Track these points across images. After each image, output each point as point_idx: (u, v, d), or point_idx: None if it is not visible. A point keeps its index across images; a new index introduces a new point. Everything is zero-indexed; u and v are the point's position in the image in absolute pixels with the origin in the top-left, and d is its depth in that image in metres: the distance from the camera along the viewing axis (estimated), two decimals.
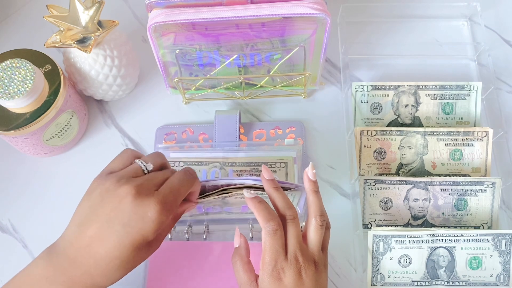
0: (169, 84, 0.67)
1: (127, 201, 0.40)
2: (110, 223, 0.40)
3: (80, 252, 0.41)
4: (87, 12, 0.61)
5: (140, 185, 0.41)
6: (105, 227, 0.41)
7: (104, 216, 0.41)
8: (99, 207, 0.41)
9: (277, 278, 0.43)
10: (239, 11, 0.53)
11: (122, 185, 0.41)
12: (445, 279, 0.56)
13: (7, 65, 0.56)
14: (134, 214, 0.40)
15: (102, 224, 0.41)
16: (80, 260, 0.41)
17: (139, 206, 0.40)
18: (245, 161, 0.62)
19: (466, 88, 0.65)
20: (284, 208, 0.46)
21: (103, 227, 0.41)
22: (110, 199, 0.41)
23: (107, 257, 0.41)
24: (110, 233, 0.40)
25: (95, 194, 0.42)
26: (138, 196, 0.40)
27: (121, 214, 0.40)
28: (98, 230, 0.41)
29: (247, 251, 0.48)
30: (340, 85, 0.71)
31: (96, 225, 0.41)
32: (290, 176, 0.61)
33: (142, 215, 0.40)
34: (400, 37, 0.75)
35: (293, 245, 0.45)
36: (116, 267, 0.41)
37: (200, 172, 0.61)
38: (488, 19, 0.75)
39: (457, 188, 0.59)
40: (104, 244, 0.41)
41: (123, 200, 0.40)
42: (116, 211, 0.40)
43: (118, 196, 0.41)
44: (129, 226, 0.40)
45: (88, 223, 0.41)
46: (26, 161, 0.66)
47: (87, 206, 0.42)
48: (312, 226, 0.46)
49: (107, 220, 0.41)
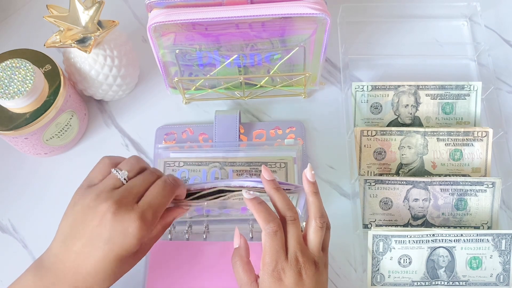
0: (169, 84, 0.67)
1: (107, 218, 0.41)
2: (93, 240, 0.41)
3: (66, 267, 0.42)
4: (87, 12, 0.61)
5: (119, 200, 0.42)
6: (88, 243, 0.42)
7: (87, 233, 0.42)
8: (81, 223, 0.42)
9: (277, 279, 0.44)
10: (239, 11, 0.54)
11: (102, 202, 0.42)
12: (445, 279, 0.56)
13: (7, 65, 0.56)
14: (115, 230, 0.41)
15: (85, 241, 0.42)
16: (67, 275, 0.42)
17: (119, 222, 0.41)
18: (245, 161, 0.62)
19: (466, 88, 0.65)
20: (284, 209, 0.46)
21: (86, 243, 0.42)
22: (91, 216, 0.42)
23: (93, 271, 0.42)
24: (93, 249, 0.41)
25: (77, 210, 0.43)
26: (118, 212, 0.41)
27: (103, 231, 0.41)
28: (82, 247, 0.42)
29: (247, 252, 0.48)
30: (340, 85, 0.71)
31: (80, 242, 0.42)
32: (290, 176, 0.61)
33: (123, 231, 0.41)
34: (400, 37, 0.75)
35: (293, 246, 0.45)
36: (102, 280, 0.42)
37: (200, 172, 0.61)
38: (488, 19, 0.75)
39: (457, 188, 0.59)
40: (89, 259, 0.42)
41: (103, 217, 0.41)
42: (98, 229, 0.41)
43: (98, 213, 0.41)
44: (111, 243, 0.41)
45: (72, 239, 0.42)
46: (26, 161, 0.66)
47: (70, 221, 0.43)
48: (312, 227, 0.46)
49: (89, 238, 0.42)
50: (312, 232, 0.46)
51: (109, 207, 0.41)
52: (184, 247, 0.56)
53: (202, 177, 0.61)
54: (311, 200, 0.47)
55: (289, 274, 0.44)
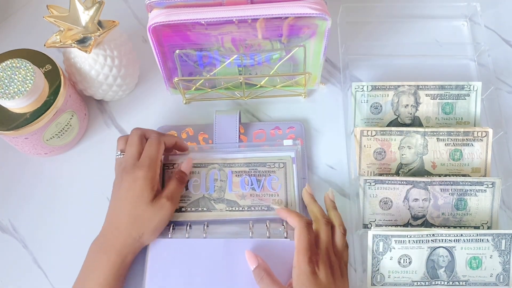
0: (169, 84, 0.67)
1: (122, 178, 0.56)
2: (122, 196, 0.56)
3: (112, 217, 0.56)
4: (87, 12, 0.61)
5: (124, 167, 0.56)
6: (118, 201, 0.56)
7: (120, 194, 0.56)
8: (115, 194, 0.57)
9: (313, 271, 0.49)
10: (239, 11, 0.54)
11: (117, 175, 0.58)
12: (445, 279, 0.56)
13: (7, 65, 0.56)
14: (129, 182, 0.55)
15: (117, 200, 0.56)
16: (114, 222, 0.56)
17: (130, 175, 0.55)
18: (244, 162, 0.62)
19: (466, 88, 0.65)
20: (320, 214, 0.55)
21: (117, 201, 0.56)
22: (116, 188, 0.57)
23: (123, 215, 0.55)
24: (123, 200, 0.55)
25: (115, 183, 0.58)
26: (127, 172, 0.55)
27: (123, 186, 0.55)
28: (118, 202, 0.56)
29: (267, 266, 0.52)
30: (340, 85, 0.71)
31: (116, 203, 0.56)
32: (289, 175, 0.61)
33: (133, 178, 0.55)
34: (400, 37, 0.75)
35: (325, 242, 0.52)
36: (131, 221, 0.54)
37: (200, 174, 0.61)
38: (488, 19, 0.75)
39: (457, 188, 0.59)
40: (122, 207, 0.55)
41: (121, 181, 0.56)
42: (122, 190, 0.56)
43: (118, 183, 0.57)
44: (129, 189, 0.55)
45: (112, 205, 0.57)
46: (26, 161, 0.66)
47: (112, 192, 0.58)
48: (337, 234, 0.54)
49: (119, 197, 0.56)
50: (337, 238, 0.54)
51: (119, 173, 0.57)
52: (184, 245, 0.56)
53: (201, 179, 0.61)
54: (333, 214, 0.56)
55: (322, 267, 0.50)
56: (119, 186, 0.56)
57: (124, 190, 0.55)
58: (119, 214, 0.55)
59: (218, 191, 0.60)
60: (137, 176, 0.55)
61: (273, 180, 0.60)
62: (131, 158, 0.57)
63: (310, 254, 0.50)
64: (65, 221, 0.63)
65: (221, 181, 0.60)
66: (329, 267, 0.50)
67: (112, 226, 0.55)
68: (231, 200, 0.60)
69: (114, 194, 0.57)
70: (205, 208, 0.59)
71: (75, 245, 0.60)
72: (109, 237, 0.55)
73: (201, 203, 0.60)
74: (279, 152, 0.62)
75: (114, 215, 0.56)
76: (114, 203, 0.56)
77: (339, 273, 0.51)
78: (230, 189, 0.60)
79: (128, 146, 0.58)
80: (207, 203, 0.60)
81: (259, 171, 0.61)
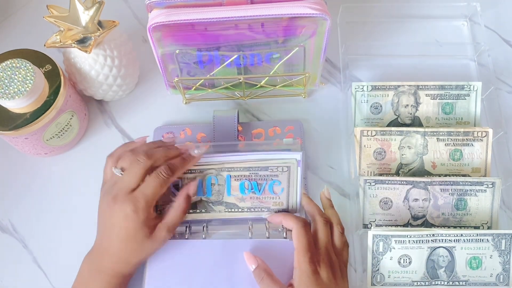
0: (169, 84, 0.67)
1: (112, 209, 0.50)
2: (111, 228, 0.51)
3: (103, 248, 0.52)
4: (87, 12, 0.61)
5: (115, 195, 0.50)
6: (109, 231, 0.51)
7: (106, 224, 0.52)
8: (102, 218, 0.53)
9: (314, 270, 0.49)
10: (239, 11, 0.54)
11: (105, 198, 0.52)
12: (445, 279, 0.56)
13: (7, 65, 0.56)
14: (119, 217, 0.50)
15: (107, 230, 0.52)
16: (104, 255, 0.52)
17: (120, 209, 0.50)
18: (244, 166, 0.57)
19: (466, 88, 0.65)
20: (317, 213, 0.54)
21: (107, 232, 0.52)
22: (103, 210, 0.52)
23: (118, 250, 0.51)
24: (114, 235, 0.51)
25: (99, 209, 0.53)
26: (115, 203, 0.50)
27: (113, 219, 0.51)
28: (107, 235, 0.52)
29: (267, 266, 0.52)
30: (340, 85, 0.71)
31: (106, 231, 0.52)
32: (292, 180, 0.56)
33: (124, 215, 0.50)
34: (400, 37, 0.75)
35: (324, 241, 0.51)
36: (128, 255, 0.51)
37: (196, 180, 0.57)
38: (488, 19, 0.75)
39: (457, 188, 0.59)
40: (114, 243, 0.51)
41: (109, 209, 0.51)
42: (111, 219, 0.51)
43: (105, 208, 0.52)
44: (121, 227, 0.50)
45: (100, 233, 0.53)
46: (26, 161, 0.66)
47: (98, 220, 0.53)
48: (335, 233, 0.53)
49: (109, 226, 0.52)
50: (336, 236, 0.53)
51: (109, 201, 0.51)
52: (183, 246, 0.56)
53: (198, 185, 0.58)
54: (330, 212, 0.55)
55: (323, 266, 0.50)
56: (108, 213, 0.51)
57: (114, 223, 0.51)
58: (112, 244, 0.51)
59: (216, 194, 0.57)
60: (127, 214, 0.50)
61: (275, 184, 0.58)
62: (126, 188, 0.51)
63: (310, 254, 0.50)
64: (65, 221, 0.63)
65: (219, 185, 0.57)
66: (330, 266, 0.50)
67: (106, 252, 0.52)
68: (230, 203, 0.58)
69: (103, 220, 0.52)
70: (203, 210, 0.58)
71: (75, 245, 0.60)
72: (104, 259, 0.52)
73: (199, 205, 0.58)
74: (283, 155, 0.56)
75: (107, 242, 0.52)
76: (104, 231, 0.52)
77: (339, 272, 0.51)
78: (229, 193, 0.57)
79: (129, 171, 0.51)
80: (205, 206, 0.58)
81: (260, 175, 0.56)
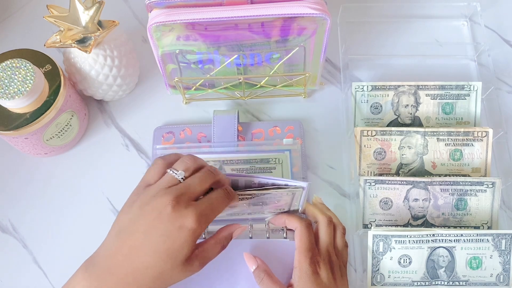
0: (169, 84, 0.67)
1: (166, 212, 0.41)
2: (148, 234, 0.42)
3: (118, 261, 0.42)
4: (87, 12, 0.61)
5: (178, 196, 0.42)
6: (143, 237, 0.42)
7: (143, 226, 0.42)
8: (139, 219, 0.42)
9: (314, 271, 0.49)
10: (239, 11, 0.54)
11: (161, 196, 0.42)
12: (445, 279, 0.56)
13: (7, 65, 0.56)
14: (172, 224, 0.41)
15: (140, 234, 0.42)
16: (117, 269, 0.42)
17: (178, 216, 0.41)
18: (243, 159, 0.62)
19: (466, 88, 0.65)
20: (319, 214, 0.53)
21: (141, 237, 0.42)
22: (149, 211, 0.42)
23: (143, 266, 0.41)
24: (148, 243, 0.42)
25: (135, 207, 0.43)
26: (177, 207, 0.42)
27: (160, 224, 0.41)
28: (137, 240, 0.42)
29: (267, 266, 0.51)
30: (340, 85, 0.71)
31: (136, 235, 0.42)
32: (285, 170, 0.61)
33: (180, 226, 0.41)
34: (400, 37, 0.75)
35: (325, 242, 0.51)
36: (151, 278, 0.42)
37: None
38: (488, 19, 0.75)
39: (457, 188, 0.59)
40: (142, 253, 0.42)
41: (162, 211, 0.42)
42: (155, 222, 0.42)
43: (157, 208, 0.42)
44: (165, 236, 0.41)
45: (128, 233, 0.42)
46: (26, 161, 0.66)
47: (126, 218, 0.43)
48: (337, 233, 0.53)
49: (145, 231, 0.42)
50: (338, 237, 0.53)
51: (168, 202, 0.42)
52: None
53: None
54: (330, 214, 0.54)
55: (323, 267, 0.49)
56: (154, 216, 0.42)
57: (158, 230, 0.41)
58: (139, 258, 0.41)
59: None
60: (185, 224, 0.41)
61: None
62: (190, 193, 0.43)
63: (311, 254, 0.50)
64: (65, 221, 0.63)
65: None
66: (330, 267, 0.50)
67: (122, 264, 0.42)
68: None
69: (137, 222, 0.42)
70: None
71: (75, 245, 0.61)
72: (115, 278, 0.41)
73: None
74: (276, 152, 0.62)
75: (129, 254, 0.42)
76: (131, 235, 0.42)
77: (339, 273, 0.51)
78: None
79: (196, 177, 0.44)
80: None
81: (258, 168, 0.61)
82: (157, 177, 0.45)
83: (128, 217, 0.43)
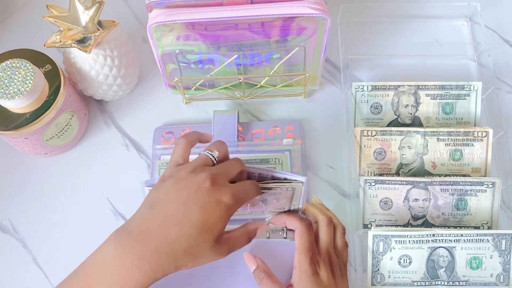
0: (169, 84, 0.67)
1: (205, 186, 0.43)
2: (187, 205, 0.43)
3: (151, 230, 0.42)
4: (87, 12, 0.61)
5: (215, 174, 0.44)
6: (180, 208, 0.42)
7: (183, 198, 0.43)
8: (176, 191, 0.43)
9: (314, 271, 0.49)
10: (239, 11, 0.54)
11: (199, 172, 0.44)
12: (445, 279, 0.56)
13: (7, 65, 0.56)
14: (210, 198, 0.43)
15: (178, 205, 0.43)
16: (150, 238, 0.42)
17: (216, 190, 0.43)
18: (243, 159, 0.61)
19: (466, 88, 0.65)
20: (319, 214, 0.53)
21: (178, 207, 0.43)
22: (188, 185, 0.43)
23: (176, 236, 0.42)
24: (185, 213, 0.42)
25: (169, 182, 0.44)
26: (215, 183, 0.43)
27: (199, 197, 0.43)
28: (174, 210, 0.42)
29: (267, 267, 0.52)
30: (340, 85, 0.71)
31: (173, 206, 0.43)
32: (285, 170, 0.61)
33: (218, 199, 0.43)
34: (400, 37, 0.75)
35: (325, 242, 0.51)
36: (182, 250, 0.42)
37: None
38: (488, 19, 0.75)
39: (457, 188, 0.59)
40: (178, 223, 0.42)
41: (201, 185, 0.43)
42: (195, 194, 0.43)
43: (195, 182, 0.43)
44: (203, 208, 0.42)
45: (164, 204, 0.43)
46: (26, 161, 0.66)
47: (160, 192, 0.44)
48: (337, 233, 0.53)
49: (184, 202, 0.43)
50: (338, 237, 0.53)
51: (207, 177, 0.43)
52: None
53: None
54: (329, 214, 0.54)
55: (323, 267, 0.49)
56: (192, 190, 0.43)
57: (198, 203, 0.42)
58: (173, 228, 0.42)
59: None
60: (222, 199, 0.43)
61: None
62: (227, 174, 0.45)
63: (311, 254, 0.50)
64: (65, 221, 0.63)
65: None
66: (330, 267, 0.50)
67: (157, 232, 0.42)
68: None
69: (175, 194, 0.43)
70: None
71: (75, 245, 0.61)
72: (149, 241, 0.41)
73: None
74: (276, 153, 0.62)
75: (164, 223, 0.42)
76: (167, 207, 0.43)
77: (339, 273, 0.51)
78: None
79: (231, 162, 0.47)
80: None
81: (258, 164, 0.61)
82: (185, 156, 0.48)
83: (163, 191, 0.44)
